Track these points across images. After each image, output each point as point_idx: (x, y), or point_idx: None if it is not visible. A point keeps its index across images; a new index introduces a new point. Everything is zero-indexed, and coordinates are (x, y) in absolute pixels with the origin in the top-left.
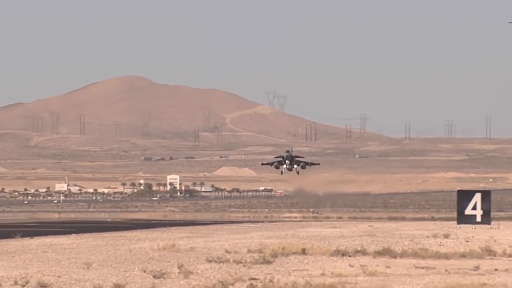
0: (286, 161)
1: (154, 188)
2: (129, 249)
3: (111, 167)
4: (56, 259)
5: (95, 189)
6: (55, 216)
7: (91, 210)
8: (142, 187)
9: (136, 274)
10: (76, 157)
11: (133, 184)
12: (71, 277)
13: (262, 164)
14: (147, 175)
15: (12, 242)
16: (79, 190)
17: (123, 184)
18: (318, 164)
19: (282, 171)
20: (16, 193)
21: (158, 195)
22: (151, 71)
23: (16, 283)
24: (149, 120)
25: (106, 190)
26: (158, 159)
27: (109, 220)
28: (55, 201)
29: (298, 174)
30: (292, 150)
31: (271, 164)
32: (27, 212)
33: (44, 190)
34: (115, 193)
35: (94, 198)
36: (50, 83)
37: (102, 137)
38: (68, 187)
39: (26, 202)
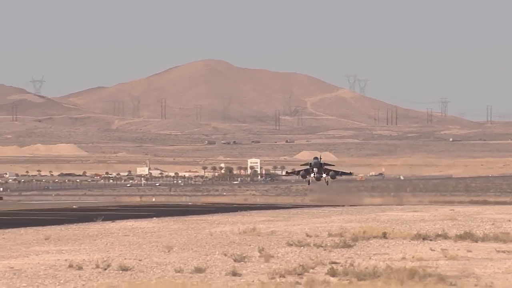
0: (314, 169)
1: (235, 172)
2: (210, 232)
3: (192, 151)
4: (137, 243)
5: (176, 173)
6: (136, 200)
7: (172, 193)
8: (223, 171)
9: (217, 257)
10: (157, 140)
11: (214, 168)
12: (152, 260)
13: (287, 173)
14: (228, 159)
15: (93, 226)
16: (160, 173)
17: (204, 168)
18: (351, 173)
19: (309, 181)
20: (98, 177)
21: (238, 179)
22: (231, 55)
23: (97, 266)
24: (229, 104)
25: (187, 174)
26: (224, 143)
27: (190, 203)
28: (157, 184)
29: (327, 184)
30: (320, 157)
31: (297, 173)
32: (108, 196)
33: (126, 173)
34: (196, 176)
35: (175, 181)
36: (132, 67)
37: (183, 121)
38: (149, 171)
39: (129, 185)
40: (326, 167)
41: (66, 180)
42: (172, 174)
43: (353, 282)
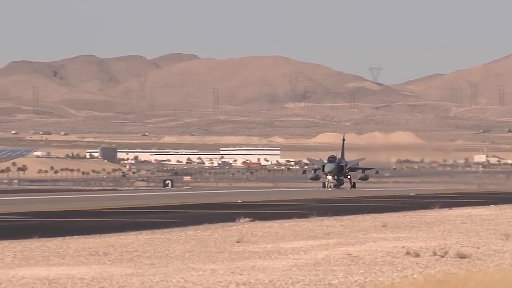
0: (328, 176)
1: None
2: None
3: None
4: (475, 230)
5: None
6: (472, 188)
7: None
8: None
9: None
10: (495, 128)
11: None
12: (490, 248)
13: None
14: None
15: (430, 213)
16: (498, 161)
17: None
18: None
19: (324, 183)
20: (435, 164)
21: None
22: None
23: (434, 253)
24: None
25: None
26: (507, 131)
27: None
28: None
29: (354, 187)
30: (342, 157)
31: (303, 172)
32: (445, 183)
33: (462, 161)
34: None
35: None
36: (470, 54)
37: None
38: (487, 158)
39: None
40: (351, 166)
41: (404, 167)
42: (510, 161)
43: None
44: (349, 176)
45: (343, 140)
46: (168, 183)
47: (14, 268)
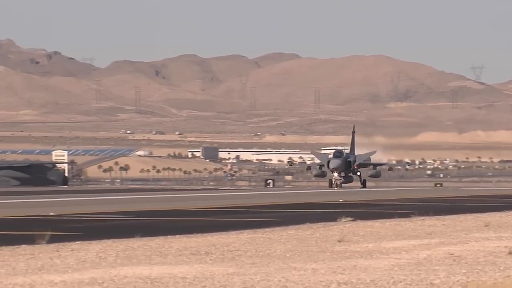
0: (334, 173)
1: None
2: None
3: None
4: None
5: None
6: None
7: None
8: None
9: None
10: None
11: None
12: None
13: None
14: None
15: None
16: None
17: None
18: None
19: (331, 181)
20: None
21: None
22: None
23: None
24: None
25: None
26: None
27: None
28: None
29: (363, 186)
30: (351, 151)
31: (307, 168)
32: None
33: None
34: None
35: None
36: None
37: None
38: None
39: None
40: (361, 162)
41: (506, 167)
42: None
43: None
44: (358, 173)
45: (353, 132)
46: (269, 182)
47: (117, 267)
